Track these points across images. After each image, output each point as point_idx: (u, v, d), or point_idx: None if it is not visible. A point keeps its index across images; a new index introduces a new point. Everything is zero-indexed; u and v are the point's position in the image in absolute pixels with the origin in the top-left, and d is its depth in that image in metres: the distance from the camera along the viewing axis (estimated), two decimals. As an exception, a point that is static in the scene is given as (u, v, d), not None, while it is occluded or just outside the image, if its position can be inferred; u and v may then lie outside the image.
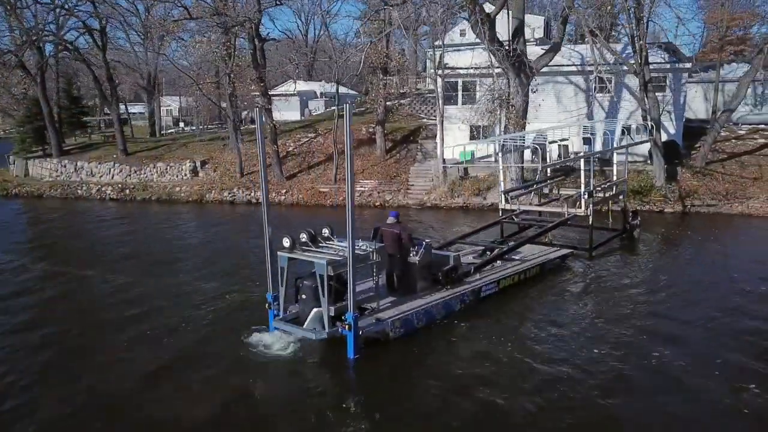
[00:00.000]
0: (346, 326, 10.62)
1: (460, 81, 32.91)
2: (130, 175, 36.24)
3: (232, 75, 33.24)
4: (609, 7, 26.46)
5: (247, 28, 29.70)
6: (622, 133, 25.88)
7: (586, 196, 17.15)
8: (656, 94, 28.25)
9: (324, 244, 11.86)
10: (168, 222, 28.03)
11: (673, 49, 32.38)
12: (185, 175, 35.57)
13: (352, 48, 37.46)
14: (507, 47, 24.99)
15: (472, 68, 28.51)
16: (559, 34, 25.38)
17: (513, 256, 15.57)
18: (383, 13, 34.69)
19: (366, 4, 64.11)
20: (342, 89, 59.80)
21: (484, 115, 31.36)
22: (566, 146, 22.19)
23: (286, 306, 12.05)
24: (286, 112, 46.77)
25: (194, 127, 61.30)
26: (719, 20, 37.40)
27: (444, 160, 30.64)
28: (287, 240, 11.45)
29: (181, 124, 63.38)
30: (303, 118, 48.48)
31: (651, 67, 28.12)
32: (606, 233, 19.84)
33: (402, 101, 42.83)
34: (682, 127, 31.62)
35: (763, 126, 35.74)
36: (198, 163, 36.02)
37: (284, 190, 32.61)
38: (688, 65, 31.72)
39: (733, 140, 32.86)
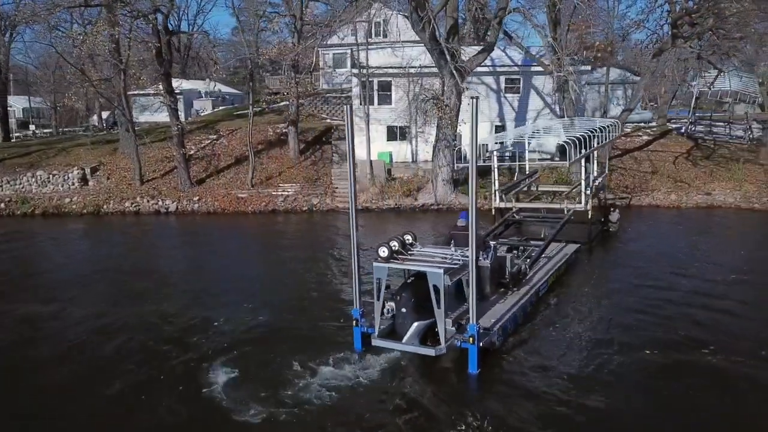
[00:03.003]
0: (470, 339, 9.72)
1: (375, 81, 32.37)
2: (1, 186, 31.12)
3: (126, 71, 29.75)
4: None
5: (152, 19, 26.71)
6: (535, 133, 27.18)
7: (588, 192, 17.50)
8: (561, 94, 29.96)
9: (413, 252, 10.82)
10: (84, 239, 24.62)
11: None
12: (73, 184, 31.29)
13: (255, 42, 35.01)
14: (443, 45, 24.93)
15: (417, 67, 28.15)
16: (494, 34, 25.73)
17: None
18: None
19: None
20: (225, 88, 56.71)
21: (405, 115, 31.36)
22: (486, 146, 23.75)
23: (371, 321, 10.82)
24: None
25: (50, 130, 54.83)
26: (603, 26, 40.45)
27: (371, 163, 29.97)
28: (384, 249, 10.26)
29: (32, 127, 56.34)
30: (190, 119, 44.96)
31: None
32: (593, 226, 20.67)
33: (302, 101, 41.41)
34: (584, 125, 33.85)
35: (643, 124, 39.52)
36: (87, 171, 31.86)
37: (197, 198, 29.90)
38: (588, 68, 34.00)
39: (623, 137, 35.77)
